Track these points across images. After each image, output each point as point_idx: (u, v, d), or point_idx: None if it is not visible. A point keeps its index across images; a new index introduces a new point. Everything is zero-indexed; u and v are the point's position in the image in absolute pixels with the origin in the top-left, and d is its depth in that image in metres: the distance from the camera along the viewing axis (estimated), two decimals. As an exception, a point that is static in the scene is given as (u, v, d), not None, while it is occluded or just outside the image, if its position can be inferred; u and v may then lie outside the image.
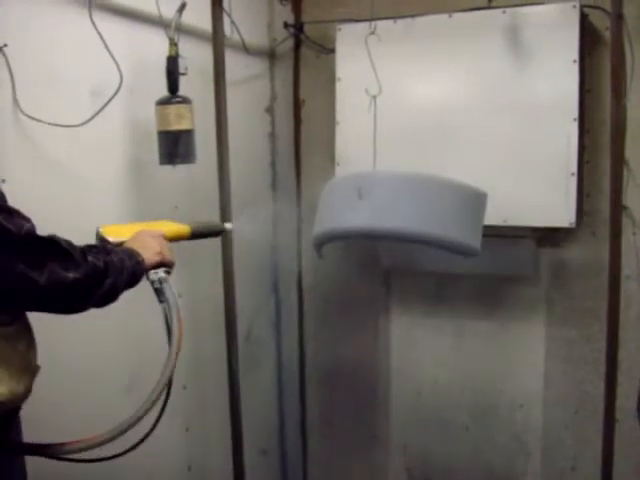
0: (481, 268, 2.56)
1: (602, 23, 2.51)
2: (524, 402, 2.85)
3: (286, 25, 2.97)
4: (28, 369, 1.33)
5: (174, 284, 1.55)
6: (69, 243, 1.28)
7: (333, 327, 3.11)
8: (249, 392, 2.66)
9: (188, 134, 2.13)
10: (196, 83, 2.26)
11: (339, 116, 2.76)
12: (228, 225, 1.92)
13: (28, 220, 1.22)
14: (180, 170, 2.25)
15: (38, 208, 1.40)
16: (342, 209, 2.06)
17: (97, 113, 1.97)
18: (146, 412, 1.39)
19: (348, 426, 3.14)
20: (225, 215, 2.39)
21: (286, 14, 2.98)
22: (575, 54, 2.39)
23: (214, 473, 2.68)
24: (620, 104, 1.89)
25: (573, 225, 2.45)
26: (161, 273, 1.54)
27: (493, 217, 2.35)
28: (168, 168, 2.20)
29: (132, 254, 1.46)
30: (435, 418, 2.99)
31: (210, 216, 2.38)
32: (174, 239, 1.68)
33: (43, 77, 1.86)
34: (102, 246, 1.45)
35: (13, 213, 1.20)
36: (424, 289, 2.94)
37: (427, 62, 2.61)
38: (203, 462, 2.63)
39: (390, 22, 2.60)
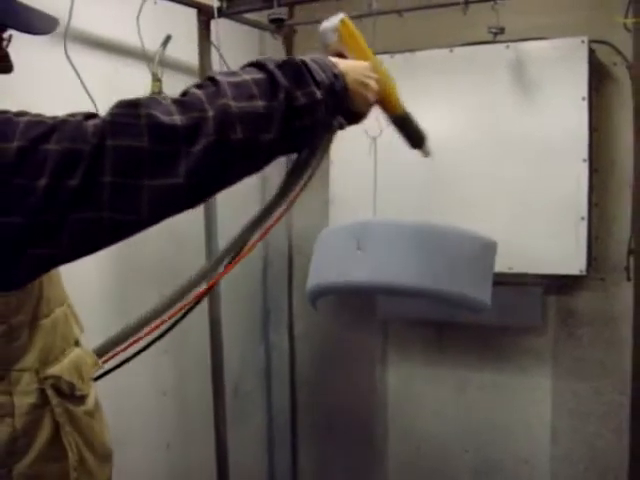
0: (484, 317, 2.40)
1: (609, 58, 2.44)
2: (530, 458, 2.69)
3: (277, 60, 2.83)
4: None
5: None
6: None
7: (326, 377, 2.95)
8: (237, 448, 2.50)
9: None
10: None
11: (333, 155, 2.61)
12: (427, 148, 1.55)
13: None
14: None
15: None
16: (340, 261, 1.90)
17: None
18: None
19: (342, 483, 2.96)
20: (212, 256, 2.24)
21: (277, 48, 2.84)
22: (584, 91, 2.28)
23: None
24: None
25: (584, 272, 2.31)
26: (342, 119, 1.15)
27: (497, 264, 2.17)
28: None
29: (328, 67, 1.12)
30: (435, 474, 2.82)
31: (197, 262, 2.24)
32: (385, 100, 1.33)
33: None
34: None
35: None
36: (423, 338, 2.78)
37: (427, 99, 2.46)
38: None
39: (387, 57, 2.48)
